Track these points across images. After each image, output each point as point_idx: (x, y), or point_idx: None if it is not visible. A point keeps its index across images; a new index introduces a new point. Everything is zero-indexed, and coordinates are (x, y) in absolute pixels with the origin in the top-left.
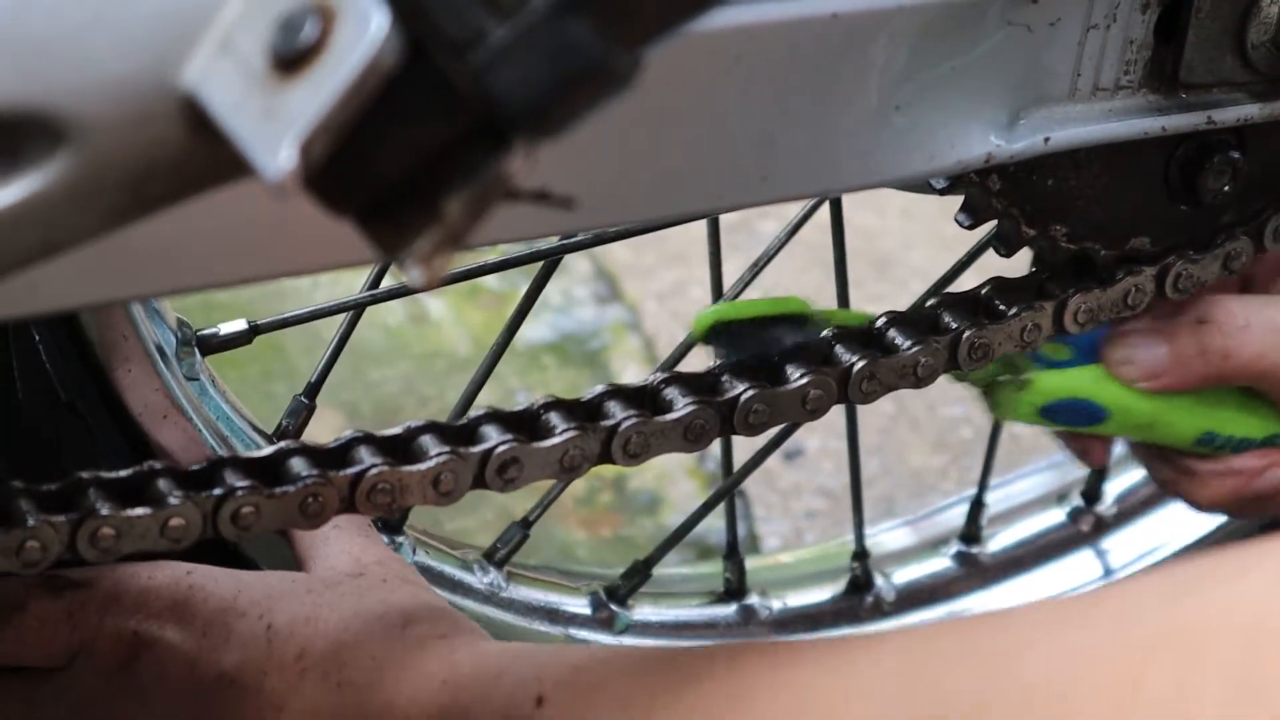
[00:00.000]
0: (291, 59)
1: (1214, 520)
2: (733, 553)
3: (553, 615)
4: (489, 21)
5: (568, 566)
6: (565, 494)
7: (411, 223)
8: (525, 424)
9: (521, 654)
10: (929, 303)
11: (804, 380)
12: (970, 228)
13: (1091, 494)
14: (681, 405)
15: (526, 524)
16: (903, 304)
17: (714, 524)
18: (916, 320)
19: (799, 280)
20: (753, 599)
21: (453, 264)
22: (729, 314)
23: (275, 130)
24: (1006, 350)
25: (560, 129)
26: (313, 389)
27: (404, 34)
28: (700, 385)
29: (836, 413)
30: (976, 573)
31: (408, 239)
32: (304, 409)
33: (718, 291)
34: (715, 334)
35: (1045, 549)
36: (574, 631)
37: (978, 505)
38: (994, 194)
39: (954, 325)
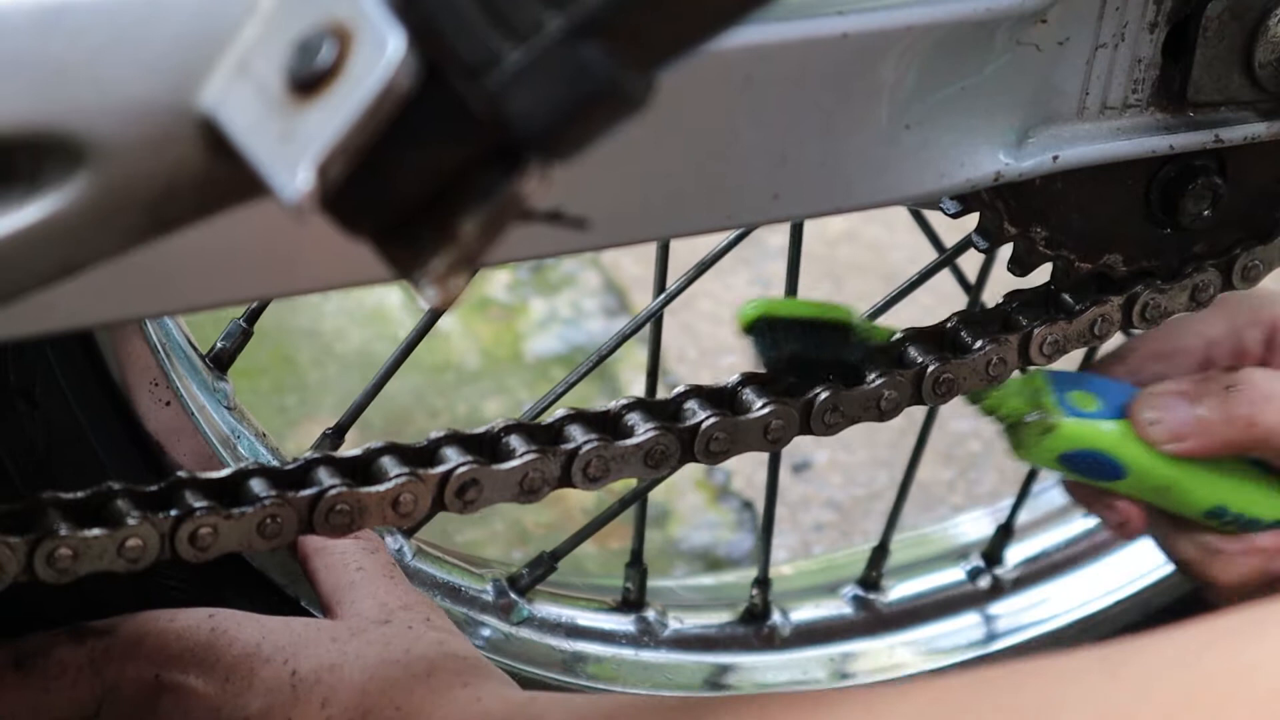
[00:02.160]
0: (308, 81)
1: (1107, 598)
2: (636, 562)
3: (455, 594)
4: (504, 45)
5: (476, 552)
6: (575, 505)
7: (427, 243)
8: (486, 446)
9: (551, 703)
10: (894, 337)
11: (766, 410)
12: (954, 216)
13: (993, 555)
14: (642, 430)
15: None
16: (910, 318)
17: (724, 536)
18: (887, 350)
19: (808, 295)
20: (650, 613)
21: (467, 283)
22: (775, 310)
23: (292, 152)
24: (973, 386)
25: (574, 151)
26: (252, 315)
27: (420, 57)
28: (661, 412)
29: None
30: (872, 619)
31: (423, 259)
32: (241, 332)
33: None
34: (758, 328)
35: (940, 605)
36: (473, 614)
37: (881, 551)
38: None
39: (919, 360)
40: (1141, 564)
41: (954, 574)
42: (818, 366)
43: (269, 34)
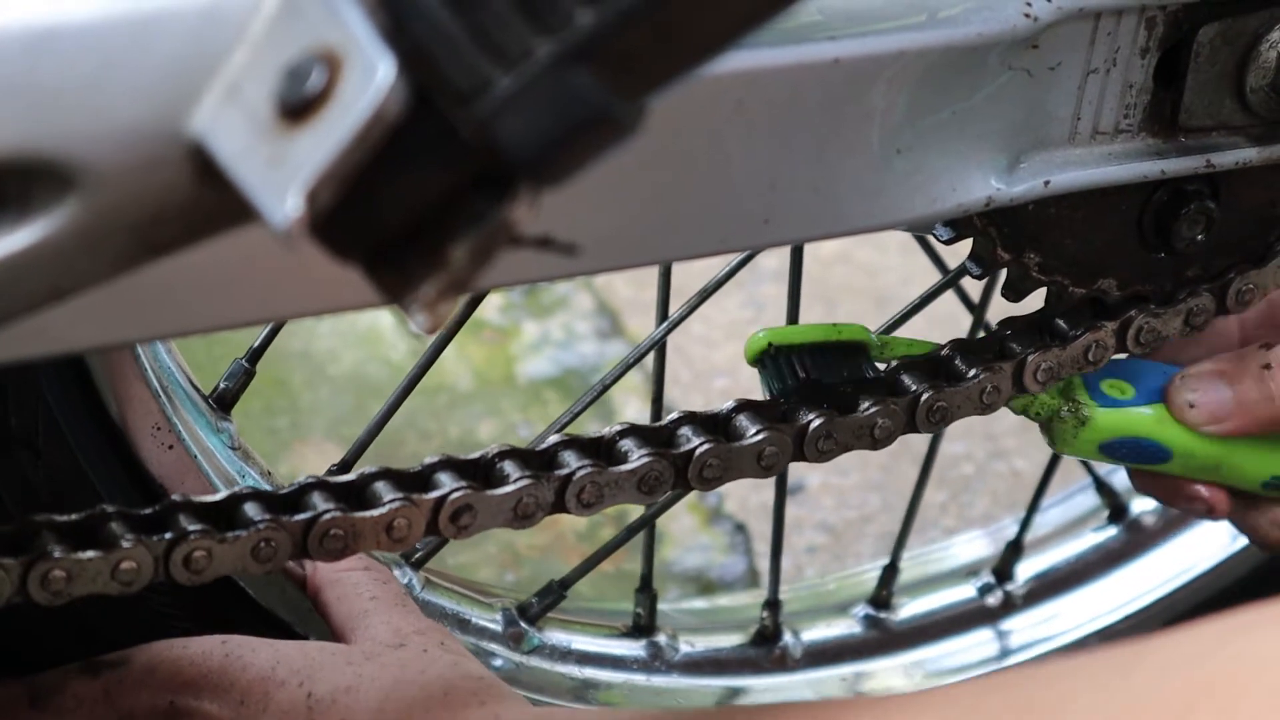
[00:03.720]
0: (298, 107)
1: (1123, 609)
2: (645, 587)
3: (464, 625)
4: (494, 71)
5: (484, 582)
6: (567, 528)
7: (416, 269)
8: (480, 471)
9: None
10: (891, 365)
11: (759, 437)
12: (947, 243)
13: (1003, 572)
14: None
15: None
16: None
17: (716, 559)
18: (920, 364)
19: (801, 317)
20: (660, 638)
21: (456, 308)
22: (783, 338)
23: (282, 178)
24: (967, 412)
25: (564, 177)
26: (254, 354)
27: (410, 83)
28: (657, 438)
29: None
30: (883, 638)
31: (413, 285)
32: (243, 373)
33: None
34: (766, 358)
35: (951, 622)
36: (483, 644)
37: (891, 570)
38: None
39: (914, 388)
40: (1153, 577)
41: (965, 590)
42: (833, 391)
43: (258, 59)
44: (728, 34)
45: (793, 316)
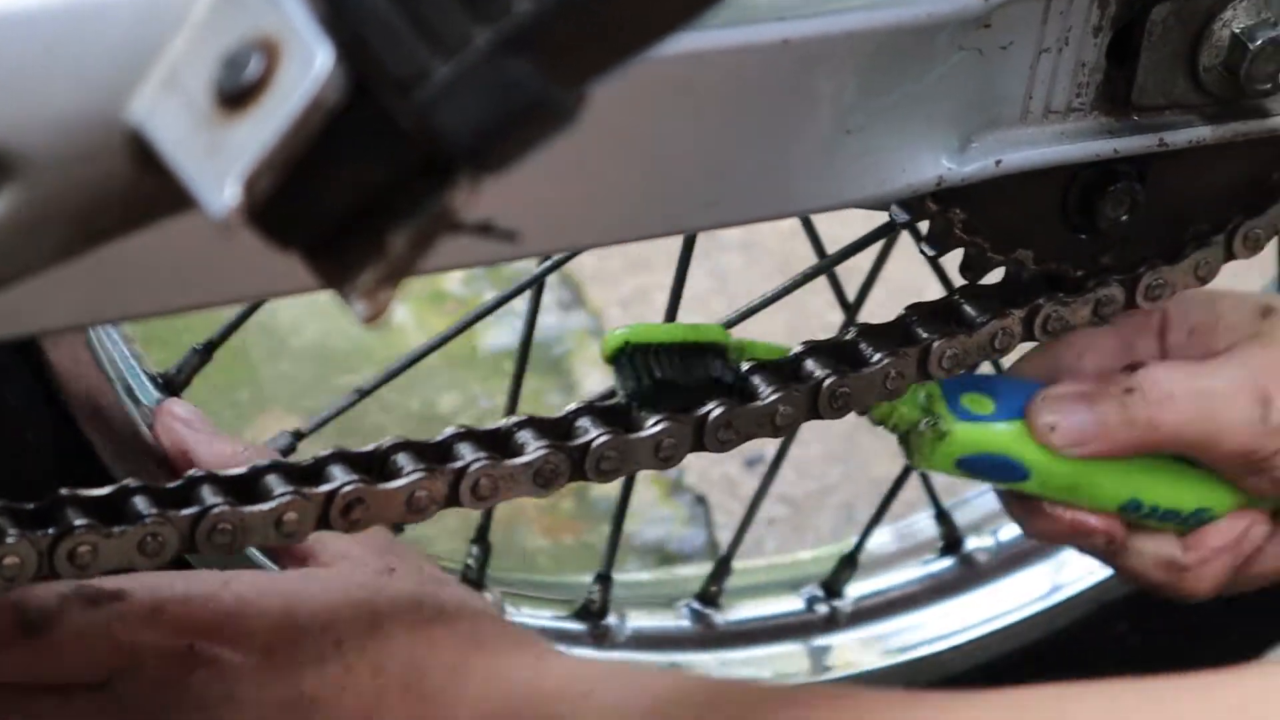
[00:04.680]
0: (236, 95)
1: (948, 640)
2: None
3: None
4: (432, 59)
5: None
6: (527, 502)
7: (356, 257)
8: (374, 464)
9: (609, 675)
10: (794, 350)
11: (658, 429)
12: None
13: (831, 587)
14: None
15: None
16: (868, 316)
17: (676, 531)
18: (780, 367)
19: (763, 287)
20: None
21: (397, 296)
22: (641, 337)
23: (220, 166)
24: (870, 400)
25: (504, 165)
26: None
27: (348, 71)
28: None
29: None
30: (707, 634)
31: (352, 273)
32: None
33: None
34: (622, 357)
35: (775, 631)
36: None
37: (724, 564)
38: None
39: (817, 373)
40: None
41: (792, 602)
42: (687, 393)
43: (197, 47)
44: (668, 22)
45: (671, 313)
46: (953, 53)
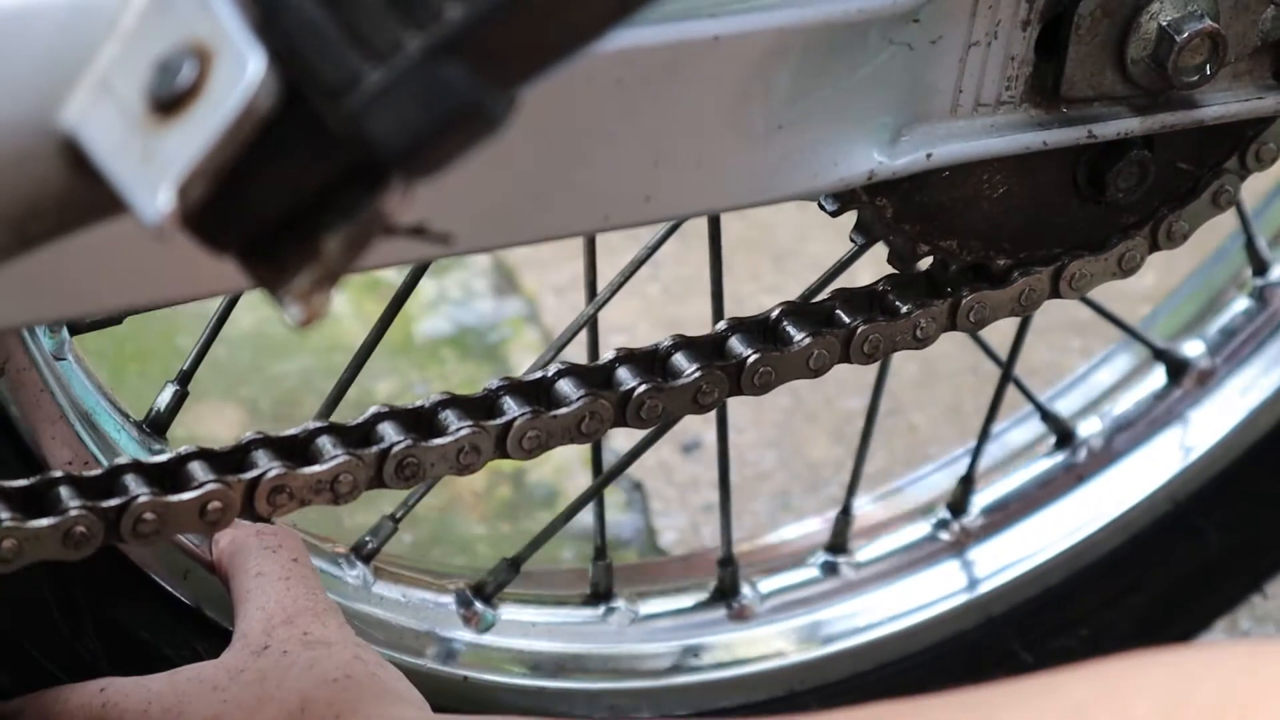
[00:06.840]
0: (169, 101)
1: (1082, 532)
2: (600, 555)
3: (419, 612)
4: (364, 65)
5: (434, 564)
6: (464, 487)
7: (290, 260)
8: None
9: None
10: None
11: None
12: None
13: (957, 506)
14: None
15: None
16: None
17: (613, 516)
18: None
19: (697, 276)
20: (619, 603)
21: (331, 299)
22: None
23: (153, 172)
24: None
25: (436, 169)
26: (186, 376)
27: (281, 77)
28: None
29: (734, 404)
30: (843, 584)
31: (287, 276)
32: (177, 395)
33: (591, 294)
34: None
35: (911, 562)
36: (438, 630)
37: (845, 515)
38: None
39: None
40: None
41: (920, 529)
42: None
43: (130, 53)
44: (597, 26)
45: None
46: (883, 48)
